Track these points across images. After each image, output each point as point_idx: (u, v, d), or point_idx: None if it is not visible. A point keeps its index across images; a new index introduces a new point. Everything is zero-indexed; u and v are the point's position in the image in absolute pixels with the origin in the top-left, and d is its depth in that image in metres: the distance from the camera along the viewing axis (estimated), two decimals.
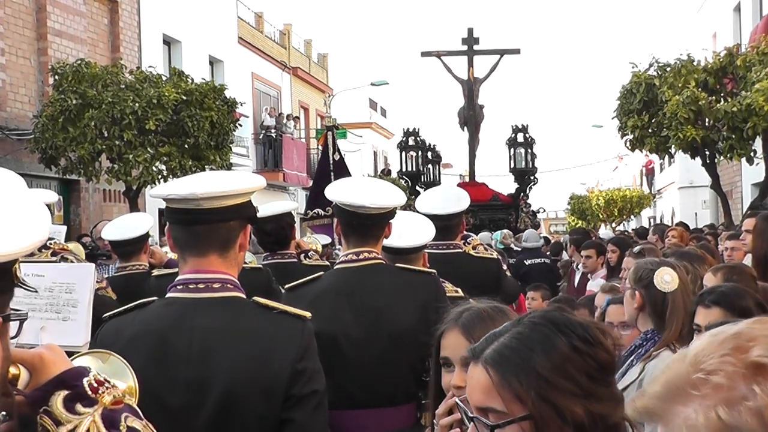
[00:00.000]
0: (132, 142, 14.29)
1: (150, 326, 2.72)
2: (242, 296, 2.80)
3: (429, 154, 21.84)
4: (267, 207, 5.87)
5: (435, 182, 21.64)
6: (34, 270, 2.74)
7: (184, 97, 14.91)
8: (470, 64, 21.02)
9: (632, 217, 44.76)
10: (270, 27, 33.07)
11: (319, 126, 33.89)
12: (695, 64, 16.27)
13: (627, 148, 18.79)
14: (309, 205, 11.51)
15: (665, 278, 3.76)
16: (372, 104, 47.31)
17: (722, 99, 15.42)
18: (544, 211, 23.54)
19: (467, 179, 22.92)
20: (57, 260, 4.65)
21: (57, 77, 14.87)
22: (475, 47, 21.05)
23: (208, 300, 2.73)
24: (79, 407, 1.56)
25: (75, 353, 1.88)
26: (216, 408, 2.65)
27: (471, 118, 20.99)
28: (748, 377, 1.06)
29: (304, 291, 3.82)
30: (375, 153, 47.16)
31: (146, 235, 5.98)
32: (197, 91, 15.22)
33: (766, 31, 16.67)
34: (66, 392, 1.57)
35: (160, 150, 14.82)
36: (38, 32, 16.93)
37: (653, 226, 13.19)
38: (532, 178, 20.41)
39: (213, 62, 25.94)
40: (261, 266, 5.51)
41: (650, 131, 16.89)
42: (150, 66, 16.48)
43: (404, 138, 21.52)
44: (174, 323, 2.72)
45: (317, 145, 27.88)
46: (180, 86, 15.13)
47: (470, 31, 21.11)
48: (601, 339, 1.73)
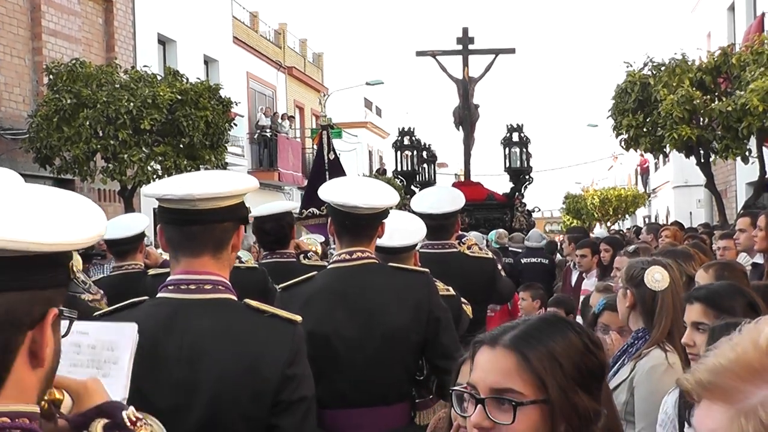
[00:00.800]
0: (127, 142, 14.26)
1: (140, 326, 2.72)
2: (233, 298, 2.79)
3: (424, 154, 21.87)
4: (267, 206, 5.88)
5: (430, 182, 21.66)
6: (79, 328, 2.80)
7: (179, 97, 14.88)
8: (465, 64, 21.06)
9: (627, 217, 44.78)
10: (265, 26, 33.05)
11: (314, 125, 33.86)
12: (690, 64, 16.28)
13: (622, 148, 18.79)
14: (304, 205, 11.51)
15: (656, 277, 3.76)
16: (367, 104, 47.30)
17: (717, 98, 15.45)
18: (539, 211, 23.55)
19: (462, 179, 22.94)
20: None
21: (51, 77, 14.84)
22: (470, 47, 21.09)
23: (199, 301, 2.72)
24: None
25: None
26: (204, 411, 2.63)
27: (466, 118, 21.03)
28: None
29: (298, 291, 3.83)
30: (370, 152, 47.16)
31: (141, 235, 6.01)
32: (192, 91, 15.19)
33: (760, 31, 16.72)
34: (106, 421, 1.63)
35: (155, 149, 14.80)
36: (33, 32, 16.89)
37: (647, 225, 13.21)
38: (527, 178, 20.43)
39: (208, 62, 25.92)
40: (257, 266, 5.52)
41: (645, 130, 16.89)
42: (145, 65, 16.45)
43: (399, 137, 21.54)
44: (165, 324, 2.71)
45: (312, 145, 27.88)
46: (175, 86, 15.10)
47: (465, 31, 21.14)
48: (601, 344, 1.84)
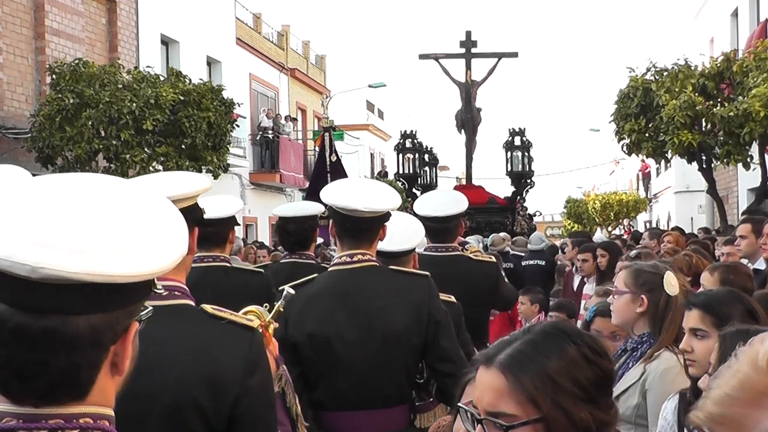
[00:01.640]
0: (129, 142, 14.26)
1: None
2: (190, 303, 2.71)
3: (426, 157, 21.86)
4: (292, 207, 5.87)
5: (432, 184, 21.66)
6: None
7: (182, 98, 14.89)
8: (468, 67, 21.04)
9: (625, 221, 44.76)
10: (268, 28, 33.07)
11: (317, 127, 33.86)
12: (692, 69, 16.29)
13: (624, 152, 18.80)
14: None
15: (672, 282, 3.79)
16: (369, 106, 47.30)
17: (719, 104, 15.44)
18: (541, 215, 23.54)
19: (464, 182, 22.92)
20: None
21: (54, 76, 14.84)
22: (473, 50, 21.07)
23: (154, 308, 2.64)
24: None
25: None
26: (159, 422, 2.54)
27: (468, 121, 21.01)
28: None
29: (299, 293, 3.82)
30: (372, 155, 47.17)
31: None
32: (195, 92, 15.19)
33: (763, 37, 16.71)
34: None
35: (157, 150, 14.80)
36: (36, 31, 16.90)
37: (649, 231, 13.18)
38: (529, 182, 20.41)
39: (211, 63, 25.93)
40: (261, 270, 5.50)
41: (647, 135, 16.89)
42: (148, 66, 16.47)
43: (401, 140, 21.52)
44: None
45: (314, 147, 27.89)
46: (177, 86, 15.11)
47: (468, 34, 21.14)
48: (606, 351, 1.81)
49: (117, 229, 1.48)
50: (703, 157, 16.83)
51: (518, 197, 20.20)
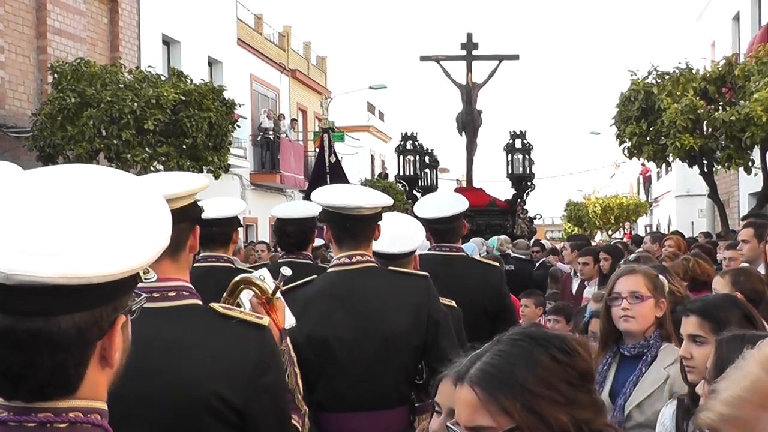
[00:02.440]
0: (130, 142, 14.26)
1: None
2: (199, 303, 2.71)
3: (426, 159, 21.88)
4: (290, 209, 5.87)
5: (432, 186, 21.68)
6: None
7: (183, 98, 14.88)
8: (469, 69, 21.07)
9: (626, 224, 44.77)
10: (269, 29, 33.08)
11: (317, 128, 33.87)
12: (694, 73, 16.27)
13: (625, 156, 18.79)
14: None
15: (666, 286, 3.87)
16: (370, 108, 47.31)
17: (721, 108, 15.42)
18: (541, 218, 23.54)
19: (464, 184, 22.96)
20: None
21: (56, 75, 14.85)
22: (474, 52, 21.11)
23: (165, 310, 2.63)
24: None
25: None
26: (170, 424, 2.54)
27: (469, 123, 21.04)
28: None
29: (298, 293, 3.83)
30: (372, 156, 47.18)
31: None
32: (196, 92, 15.20)
33: (765, 41, 16.69)
34: None
35: (158, 150, 14.80)
36: (38, 30, 16.91)
37: (650, 234, 13.17)
38: (530, 184, 20.44)
39: (212, 63, 25.94)
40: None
41: (648, 139, 16.88)
42: (149, 66, 16.47)
43: (402, 142, 21.55)
44: (134, 336, 2.61)
45: (314, 148, 27.90)
46: (179, 86, 15.11)
47: (469, 36, 21.16)
48: (578, 349, 1.81)
49: (92, 229, 1.48)
50: (705, 161, 16.81)
51: (519, 200, 20.23)
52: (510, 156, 20.32)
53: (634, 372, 3.81)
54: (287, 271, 3.11)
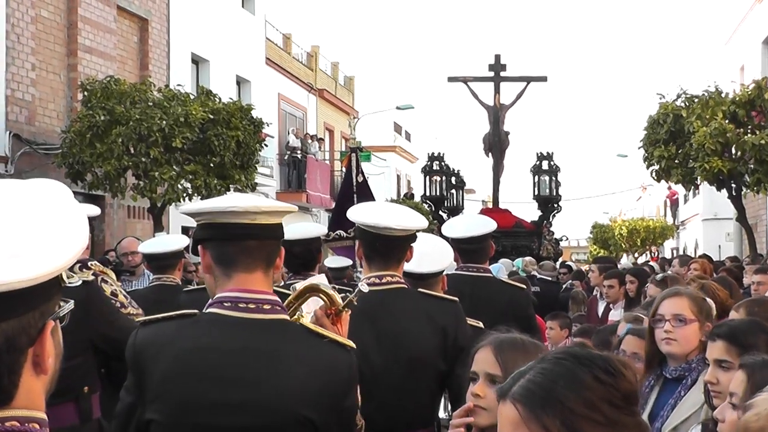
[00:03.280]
0: (158, 160, 14.36)
1: (199, 342, 2.66)
2: (287, 318, 2.76)
3: (453, 179, 21.85)
4: (297, 230, 5.90)
5: (458, 207, 21.65)
6: None
7: (211, 116, 14.98)
8: (497, 90, 21.07)
9: (653, 248, 44.49)
10: (297, 48, 33.27)
11: (344, 148, 33.96)
12: (723, 96, 16.22)
13: (653, 179, 18.72)
14: (331, 227, 11.55)
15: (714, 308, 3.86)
16: (397, 128, 47.42)
17: (750, 132, 15.35)
18: (567, 240, 23.44)
19: (490, 205, 22.92)
20: (98, 282, 4.75)
21: (86, 93, 14.98)
22: (502, 74, 21.10)
23: (260, 322, 2.67)
24: None
25: None
26: None
27: (496, 144, 21.01)
28: None
29: None
30: (398, 177, 47.24)
31: (182, 252, 6.25)
32: (224, 111, 15.30)
33: None
34: None
35: (186, 168, 14.89)
36: (69, 48, 17.10)
37: (679, 258, 13.08)
38: (556, 206, 20.37)
39: (240, 82, 26.10)
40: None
41: (676, 162, 16.82)
42: (178, 84, 16.59)
43: (429, 162, 21.55)
44: (226, 342, 2.65)
45: (341, 167, 27.97)
46: (207, 105, 15.21)
47: (497, 58, 21.16)
48: (623, 370, 1.78)
49: (9, 237, 1.49)
50: (733, 185, 16.72)
51: (545, 221, 20.16)
52: (537, 177, 20.28)
53: (674, 395, 3.77)
54: (365, 288, 3.16)
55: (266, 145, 18.34)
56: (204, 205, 2.75)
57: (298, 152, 28.75)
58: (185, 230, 17.01)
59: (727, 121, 15.23)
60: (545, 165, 20.26)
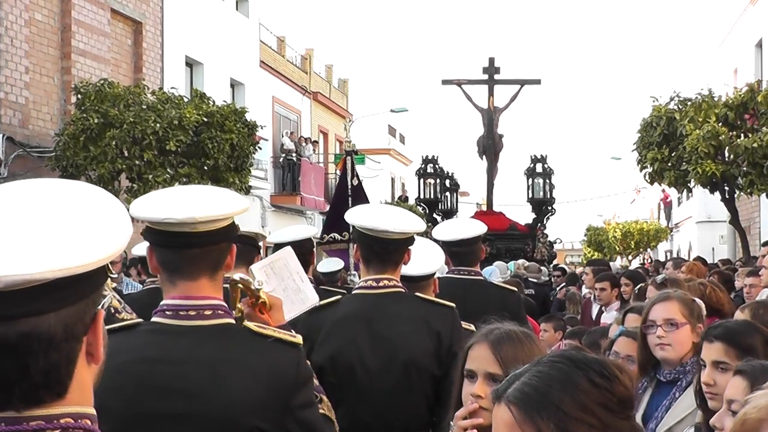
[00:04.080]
0: (152, 163, 14.35)
1: (140, 354, 2.60)
2: (233, 322, 2.70)
3: (447, 182, 21.87)
4: (287, 232, 5.89)
5: (452, 210, 21.67)
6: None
7: (205, 119, 14.98)
8: (491, 93, 21.08)
9: (649, 251, 44.54)
10: (291, 51, 33.26)
11: (338, 151, 33.95)
12: (716, 99, 16.26)
13: (646, 181, 18.76)
14: (325, 230, 11.54)
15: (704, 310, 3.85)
16: (391, 130, 47.43)
17: (743, 134, 15.39)
18: (561, 242, 23.46)
19: (484, 208, 22.94)
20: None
21: (80, 96, 14.96)
22: (496, 76, 21.11)
23: (200, 328, 2.62)
24: None
25: None
26: None
27: (490, 147, 21.02)
28: None
29: (324, 315, 3.81)
30: (393, 179, 47.24)
31: None
32: (218, 114, 15.29)
33: None
34: None
35: (180, 171, 14.88)
36: (62, 51, 17.09)
37: (673, 260, 13.10)
38: (550, 209, 20.39)
39: (234, 85, 26.10)
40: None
41: (670, 165, 16.86)
42: (172, 87, 16.58)
43: (423, 165, 21.56)
44: (165, 354, 2.61)
45: (335, 170, 27.96)
46: (201, 108, 15.20)
47: (491, 61, 21.18)
48: (618, 375, 1.79)
49: (64, 224, 1.53)
50: (726, 188, 16.76)
51: (539, 224, 20.18)
52: (531, 180, 20.30)
53: (668, 397, 3.77)
54: (255, 270, 3.16)
55: (260, 148, 18.34)
56: (140, 213, 2.63)
57: (293, 155, 28.74)
58: None
59: (720, 124, 15.26)
60: (539, 168, 20.27)
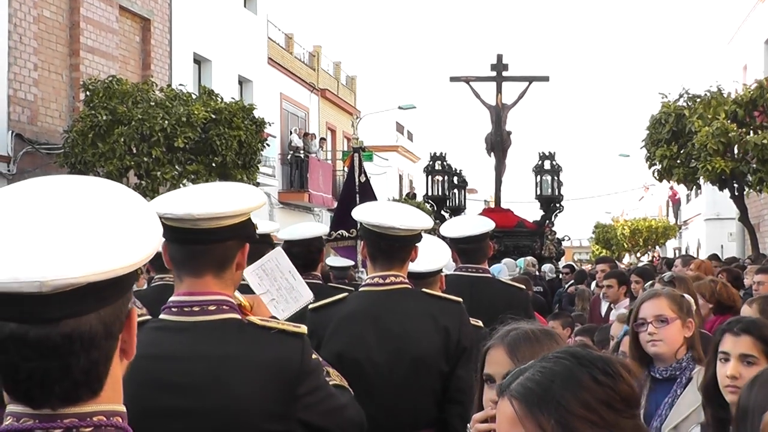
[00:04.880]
0: (160, 159, 14.36)
1: (147, 350, 2.55)
2: (237, 317, 2.72)
3: (455, 179, 21.84)
4: (296, 230, 5.87)
5: (460, 207, 21.64)
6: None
7: (213, 116, 14.99)
8: (499, 90, 21.05)
9: (657, 248, 44.46)
10: (300, 48, 33.25)
11: (346, 148, 33.97)
12: (725, 96, 16.21)
13: (655, 178, 18.71)
14: (333, 227, 11.52)
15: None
16: (399, 128, 47.40)
17: (752, 131, 15.34)
18: (569, 239, 23.40)
19: (492, 205, 22.90)
20: None
21: (88, 93, 14.97)
22: (504, 73, 21.08)
23: (203, 324, 2.65)
24: None
25: None
26: None
27: (498, 144, 21.00)
28: None
29: (330, 312, 3.81)
30: (400, 176, 47.23)
31: None
32: (226, 110, 15.30)
33: None
34: None
35: (188, 168, 14.90)
36: (71, 48, 17.11)
37: (681, 257, 13.07)
38: (558, 206, 20.36)
39: (242, 82, 26.10)
40: None
41: (679, 162, 16.82)
42: (180, 84, 16.58)
43: (431, 162, 21.54)
44: (168, 350, 2.63)
45: (343, 167, 27.96)
46: (209, 105, 15.21)
47: (499, 57, 21.15)
48: (623, 373, 1.78)
49: (101, 224, 1.55)
50: (735, 185, 16.71)
51: (547, 221, 20.15)
52: (539, 177, 20.27)
53: (669, 394, 3.77)
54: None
55: (268, 145, 18.33)
56: (155, 202, 2.67)
57: (301, 152, 28.75)
58: None
59: (730, 121, 15.21)
60: (547, 165, 20.25)
